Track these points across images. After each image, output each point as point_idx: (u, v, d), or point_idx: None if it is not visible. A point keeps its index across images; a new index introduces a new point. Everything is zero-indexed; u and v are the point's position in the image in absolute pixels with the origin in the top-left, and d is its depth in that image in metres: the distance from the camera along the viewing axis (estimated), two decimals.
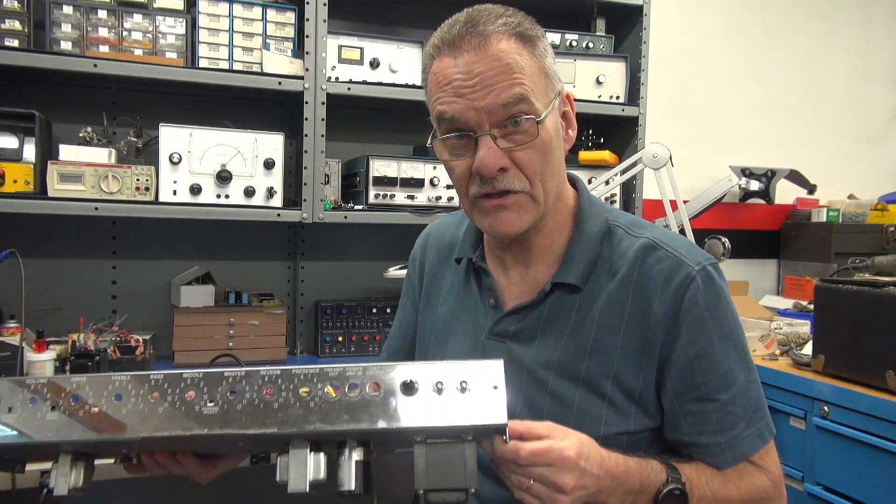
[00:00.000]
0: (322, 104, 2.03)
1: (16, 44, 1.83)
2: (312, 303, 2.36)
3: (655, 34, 2.43)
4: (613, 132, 2.49)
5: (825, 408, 1.90)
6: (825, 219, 3.06)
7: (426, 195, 2.16)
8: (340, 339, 2.24)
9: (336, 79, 2.09)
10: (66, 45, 1.88)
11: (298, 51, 2.06)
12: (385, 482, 0.80)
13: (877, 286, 1.84)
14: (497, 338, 1.02)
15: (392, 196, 2.13)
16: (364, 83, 2.11)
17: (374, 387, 0.75)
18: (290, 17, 2.07)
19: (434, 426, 0.73)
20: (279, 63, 2.01)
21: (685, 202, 2.56)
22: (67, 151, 1.88)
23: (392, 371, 0.75)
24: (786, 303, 2.76)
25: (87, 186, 1.84)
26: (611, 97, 2.39)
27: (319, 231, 2.36)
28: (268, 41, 2.03)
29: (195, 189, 1.91)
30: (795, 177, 3.08)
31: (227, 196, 1.95)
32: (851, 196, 3.27)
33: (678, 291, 0.93)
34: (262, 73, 1.99)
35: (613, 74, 2.38)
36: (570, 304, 0.98)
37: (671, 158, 2.18)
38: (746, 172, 3.01)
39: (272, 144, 1.99)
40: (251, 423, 0.73)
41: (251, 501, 2.19)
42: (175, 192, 1.90)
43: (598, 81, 2.36)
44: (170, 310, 2.15)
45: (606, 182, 2.27)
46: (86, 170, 1.84)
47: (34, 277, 1.93)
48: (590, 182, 2.28)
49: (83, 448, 0.77)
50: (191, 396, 0.74)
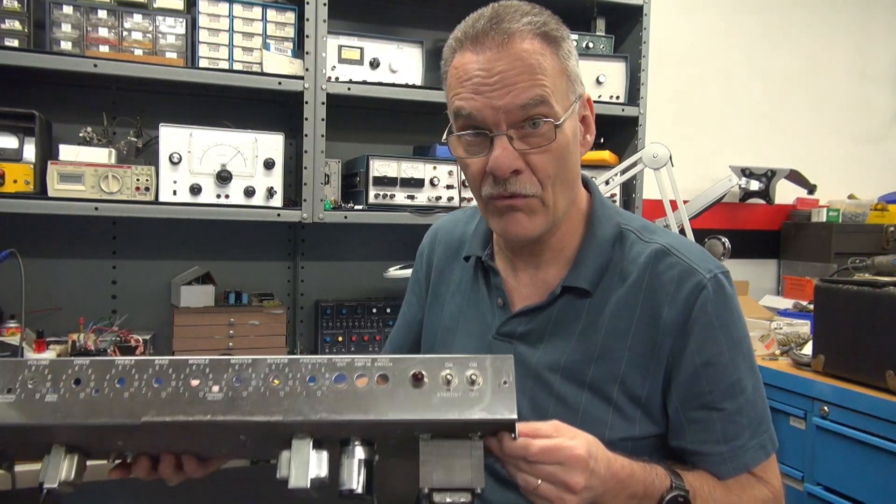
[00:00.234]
0: (322, 104, 2.03)
1: (16, 44, 1.83)
2: (312, 303, 2.36)
3: (655, 34, 2.43)
4: (613, 132, 2.49)
5: (825, 408, 1.90)
6: (825, 219, 3.06)
7: (426, 195, 2.16)
8: (340, 340, 2.25)
9: (336, 79, 2.09)
10: (66, 45, 1.88)
11: (298, 51, 2.06)
12: (385, 483, 0.80)
13: (877, 286, 1.84)
14: (504, 338, 1.02)
15: (392, 196, 2.13)
16: (364, 83, 2.11)
17: (383, 379, 0.73)
18: (290, 17, 2.07)
19: (442, 419, 0.71)
20: (279, 63, 2.01)
21: (685, 202, 2.56)
22: (67, 151, 1.88)
23: (401, 363, 0.74)
24: (786, 303, 2.76)
25: (87, 186, 1.84)
26: (611, 97, 2.39)
27: (319, 231, 2.36)
28: (268, 41, 2.03)
29: (195, 189, 1.91)
30: (795, 177, 3.08)
31: (227, 196, 1.95)
32: (851, 196, 3.27)
33: (688, 299, 0.93)
34: (262, 73, 1.99)
35: (613, 74, 2.38)
36: (580, 308, 0.97)
37: (671, 158, 2.18)
38: (746, 172, 3.01)
39: (272, 144, 1.99)
40: (256, 411, 0.71)
41: (251, 501, 2.19)
42: (175, 192, 1.90)
43: (598, 81, 2.36)
44: (170, 310, 2.15)
45: (606, 182, 2.27)
46: (86, 170, 1.84)
47: (34, 277, 1.93)
48: None
49: (80, 436, 0.75)
50: (195, 383, 0.73)
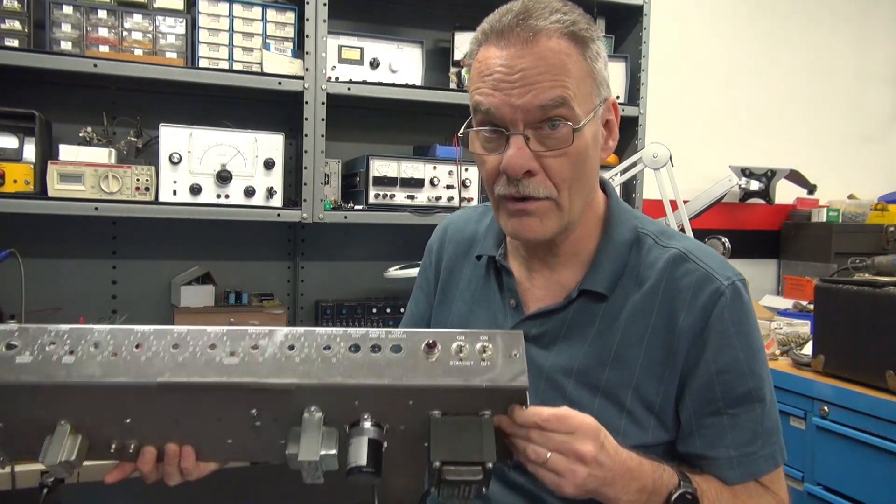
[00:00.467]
0: (322, 104, 2.03)
1: (16, 44, 1.83)
2: (312, 303, 2.36)
3: (655, 34, 2.43)
4: None
5: (825, 408, 1.90)
6: (825, 219, 3.06)
7: (426, 195, 2.16)
8: None
9: (336, 79, 2.09)
10: (66, 45, 1.88)
11: (298, 51, 2.06)
12: (385, 484, 0.80)
13: (877, 286, 1.84)
14: None
15: (392, 196, 2.12)
16: (364, 83, 2.11)
17: (396, 349, 0.75)
18: (290, 17, 2.07)
19: (454, 384, 0.73)
20: (279, 63, 2.01)
21: (685, 202, 2.56)
22: (67, 151, 1.88)
23: (414, 335, 0.76)
24: (786, 303, 2.76)
25: (87, 186, 1.84)
26: None
27: (319, 231, 2.36)
28: (268, 41, 2.03)
29: (195, 189, 1.91)
30: (795, 177, 3.08)
31: (227, 196, 1.95)
32: (851, 196, 3.27)
33: (706, 306, 0.92)
34: (262, 73, 1.99)
35: (613, 74, 2.38)
36: (595, 312, 0.96)
37: (671, 158, 2.18)
38: (746, 172, 3.01)
39: (272, 144, 1.99)
40: (271, 375, 0.72)
41: (251, 501, 2.19)
42: (175, 192, 1.90)
43: None
44: (170, 310, 2.15)
45: None
46: (86, 170, 1.84)
47: (34, 277, 1.93)
48: None
49: (88, 409, 0.75)
50: (212, 350, 0.74)
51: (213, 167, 1.93)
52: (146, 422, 0.78)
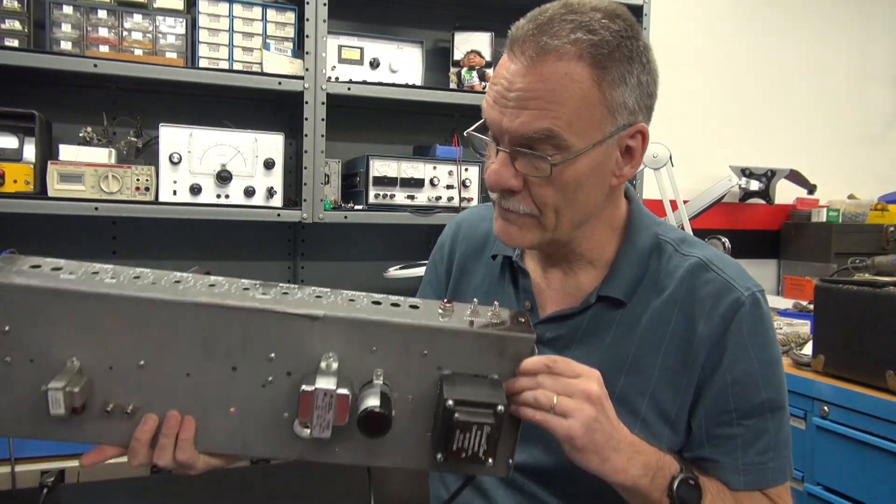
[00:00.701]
0: (322, 104, 2.03)
1: (16, 44, 1.83)
2: None
3: (655, 34, 2.43)
4: None
5: (825, 408, 1.90)
6: (825, 219, 3.06)
7: (426, 195, 2.16)
8: None
9: (336, 79, 2.09)
10: (66, 45, 1.89)
11: (298, 51, 2.06)
12: (384, 485, 0.80)
13: (877, 286, 1.84)
14: None
15: (392, 196, 2.13)
16: (364, 83, 2.11)
17: (415, 306, 0.83)
18: (290, 17, 2.07)
19: (467, 329, 0.79)
20: (279, 63, 2.01)
21: (685, 202, 2.56)
22: (67, 151, 1.88)
23: (430, 302, 0.84)
24: (786, 303, 2.76)
25: (87, 186, 1.84)
26: None
27: (319, 231, 2.37)
28: (268, 41, 2.04)
29: (195, 189, 1.91)
30: (795, 177, 3.08)
31: (227, 196, 1.95)
32: (851, 196, 3.27)
33: (725, 315, 0.90)
34: (262, 73, 1.99)
35: None
36: (612, 318, 0.95)
37: (671, 158, 2.18)
38: (746, 172, 3.01)
39: (272, 144, 1.99)
40: (300, 307, 0.78)
41: (251, 501, 2.19)
42: (175, 192, 1.91)
43: None
44: None
45: None
46: (86, 170, 1.84)
47: None
48: None
49: (105, 346, 0.76)
50: (246, 289, 0.79)
51: (213, 167, 1.93)
52: (158, 370, 0.78)
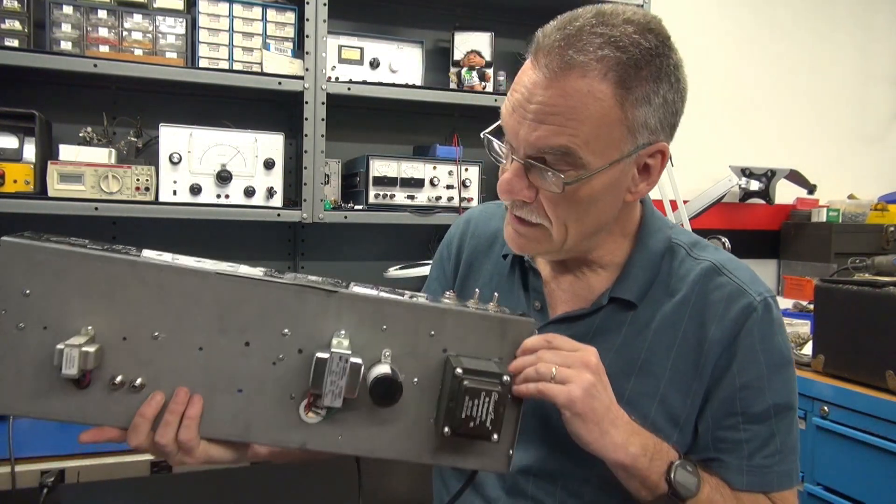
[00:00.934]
0: (322, 104, 2.03)
1: (16, 44, 1.83)
2: None
3: None
4: None
5: (825, 408, 1.90)
6: (825, 219, 3.06)
7: (426, 195, 2.16)
8: None
9: (336, 79, 2.09)
10: (66, 45, 1.88)
11: (298, 51, 2.06)
12: (386, 487, 0.80)
13: (877, 286, 1.84)
14: None
15: (392, 196, 2.12)
16: (364, 83, 2.11)
17: (420, 295, 0.86)
18: (290, 17, 2.07)
19: (471, 311, 0.84)
20: (279, 63, 2.01)
21: (685, 202, 2.56)
22: (67, 151, 1.88)
23: (435, 298, 0.87)
24: (786, 303, 2.76)
25: (87, 186, 1.84)
26: None
27: (319, 231, 2.36)
28: (268, 41, 2.03)
29: (195, 189, 1.91)
30: (795, 177, 3.08)
31: (227, 196, 1.95)
32: (851, 196, 3.27)
33: (737, 320, 0.90)
34: (262, 73, 1.99)
35: None
36: (622, 320, 0.94)
37: (671, 158, 2.18)
38: (746, 172, 3.01)
39: (272, 144, 1.99)
40: (316, 283, 0.80)
41: (251, 501, 2.19)
42: (175, 192, 1.90)
43: None
44: None
45: None
46: (86, 170, 1.84)
47: None
48: None
49: (125, 309, 0.76)
50: (262, 272, 0.82)
51: (213, 167, 1.93)
52: (172, 343, 0.78)
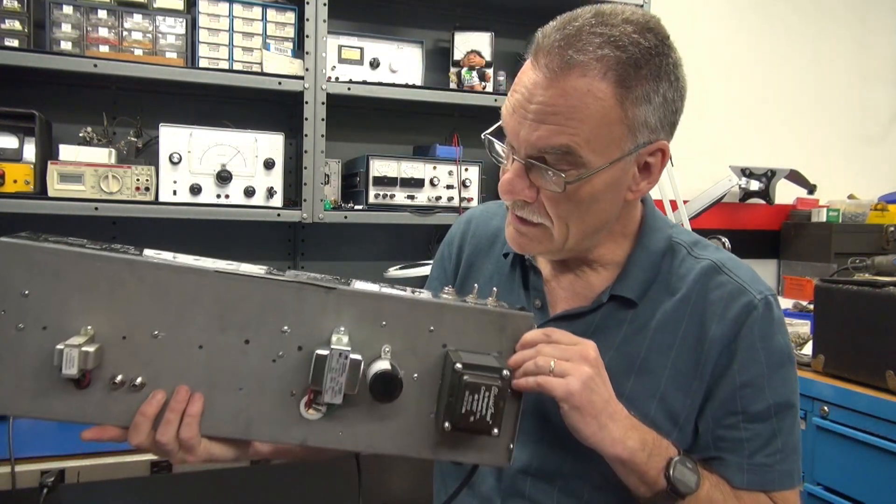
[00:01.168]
0: (322, 104, 2.03)
1: (16, 44, 1.83)
2: None
3: None
4: None
5: (825, 408, 1.90)
6: (825, 219, 3.06)
7: (426, 195, 2.16)
8: None
9: (336, 79, 2.09)
10: (66, 45, 1.88)
11: (298, 51, 2.06)
12: (386, 487, 0.80)
13: (877, 286, 1.84)
14: None
15: (392, 196, 2.12)
16: (364, 83, 2.11)
17: (420, 291, 0.87)
18: (290, 17, 2.07)
19: (469, 306, 0.84)
20: (279, 63, 2.01)
21: (685, 202, 2.56)
22: (67, 151, 1.88)
23: (435, 296, 0.87)
24: (786, 303, 2.76)
25: (87, 186, 1.84)
26: None
27: (319, 231, 2.36)
28: (268, 41, 2.03)
29: (195, 189, 1.91)
30: (795, 177, 3.08)
31: (227, 196, 1.95)
32: (851, 196, 3.27)
33: (737, 319, 0.90)
34: (262, 73, 1.99)
35: None
36: (622, 318, 0.94)
37: (671, 158, 2.18)
38: (746, 172, 3.01)
39: (272, 144, 1.99)
40: (316, 281, 0.81)
41: (251, 501, 2.19)
42: (175, 192, 1.90)
43: None
44: None
45: None
46: (86, 170, 1.84)
47: None
48: None
49: (125, 309, 0.76)
50: (261, 268, 0.83)
51: (213, 167, 1.93)
52: (172, 342, 0.78)
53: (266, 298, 0.79)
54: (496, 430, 0.80)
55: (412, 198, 2.15)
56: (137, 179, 1.88)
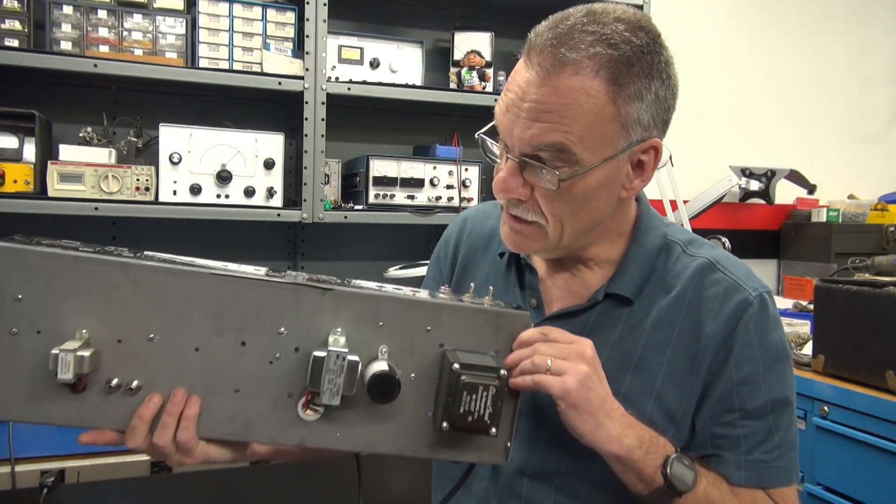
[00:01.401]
0: (322, 104, 2.03)
1: (16, 44, 1.83)
2: None
3: None
4: None
5: (825, 408, 1.90)
6: (825, 219, 3.06)
7: (426, 195, 2.16)
8: None
9: (336, 79, 2.09)
10: (66, 45, 1.89)
11: (298, 51, 2.06)
12: (386, 487, 0.80)
13: (877, 286, 1.84)
14: None
15: (392, 196, 2.13)
16: (364, 83, 2.11)
17: (415, 292, 0.86)
18: (290, 17, 2.07)
19: (465, 305, 0.84)
20: (279, 63, 2.01)
21: (685, 202, 2.56)
22: (67, 151, 1.88)
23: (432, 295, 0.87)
24: (786, 303, 2.75)
25: (87, 186, 1.84)
26: None
27: (319, 231, 2.36)
28: (268, 41, 2.03)
29: (195, 189, 1.91)
30: (795, 177, 3.08)
31: (227, 196, 1.95)
32: (851, 196, 3.27)
33: (732, 316, 0.90)
34: (262, 73, 1.99)
35: None
36: (618, 316, 0.95)
37: (671, 158, 2.18)
38: (746, 172, 3.01)
39: (272, 144, 1.99)
40: (312, 281, 0.81)
41: (250, 501, 2.19)
42: (175, 192, 1.90)
43: None
44: None
45: None
46: (86, 170, 1.84)
47: None
48: None
49: (119, 312, 0.76)
50: (257, 269, 0.83)
51: (213, 167, 1.93)
52: (168, 344, 0.78)
53: (262, 300, 0.79)
54: (494, 430, 0.80)
55: (412, 198, 2.15)
56: (137, 179, 1.88)
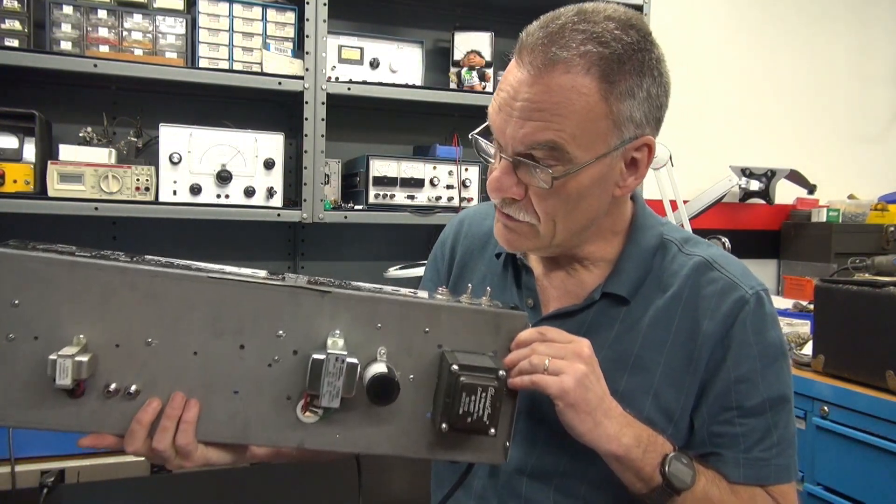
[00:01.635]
0: (322, 104, 2.03)
1: (16, 44, 1.83)
2: None
3: (655, 34, 2.43)
4: None
5: (825, 408, 1.90)
6: (825, 219, 3.06)
7: (426, 195, 2.16)
8: None
9: (336, 79, 2.09)
10: (66, 45, 1.88)
11: (298, 51, 2.06)
12: (385, 487, 0.80)
13: (877, 286, 1.84)
14: None
15: (392, 196, 2.13)
16: (364, 83, 2.11)
17: (413, 294, 0.86)
18: (290, 17, 2.07)
19: (463, 306, 0.85)
20: (279, 63, 2.01)
21: (685, 202, 2.57)
22: (67, 151, 1.88)
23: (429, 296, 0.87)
24: (786, 303, 2.75)
25: (87, 186, 1.84)
26: None
27: (319, 231, 2.36)
28: (268, 41, 2.03)
29: (195, 189, 1.91)
30: (795, 177, 3.08)
31: (227, 196, 1.95)
32: (851, 196, 3.27)
33: (729, 314, 0.91)
34: (262, 73, 1.99)
35: None
36: (615, 316, 0.95)
37: (671, 158, 2.18)
38: (746, 172, 3.01)
39: (272, 144, 1.99)
40: (310, 283, 0.81)
41: (250, 501, 2.19)
42: (175, 192, 1.90)
43: None
44: None
45: None
46: (86, 170, 1.84)
47: None
48: None
49: (117, 317, 0.75)
50: (254, 272, 0.82)
51: (213, 167, 1.93)
52: (166, 348, 0.78)
53: (260, 303, 0.79)
54: (493, 430, 0.80)
55: (412, 198, 2.15)
56: (137, 179, 1.88)
